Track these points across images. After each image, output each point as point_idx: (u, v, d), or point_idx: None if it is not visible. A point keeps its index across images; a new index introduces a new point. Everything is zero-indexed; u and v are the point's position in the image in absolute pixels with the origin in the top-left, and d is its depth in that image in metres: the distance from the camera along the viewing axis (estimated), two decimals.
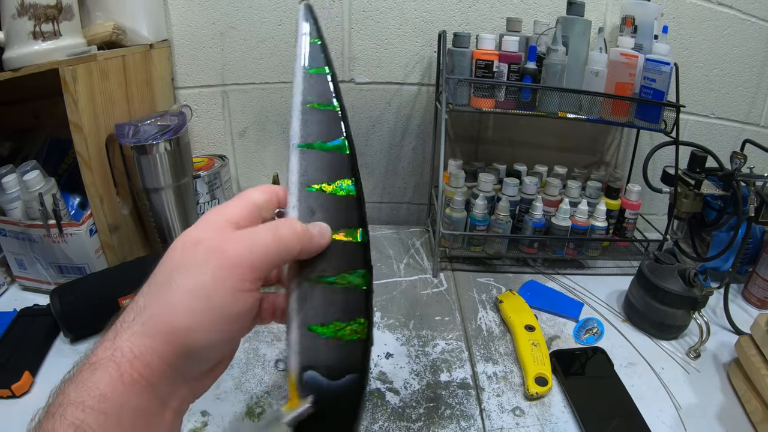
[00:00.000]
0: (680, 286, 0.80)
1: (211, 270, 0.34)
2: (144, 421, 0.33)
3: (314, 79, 0.45)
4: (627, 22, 0.97)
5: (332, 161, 0.44)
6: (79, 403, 0.31)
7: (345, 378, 0.40)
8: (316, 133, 0.44)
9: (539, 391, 0.69)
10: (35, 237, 0.81)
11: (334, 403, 0.40)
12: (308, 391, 0.39)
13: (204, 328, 0.34)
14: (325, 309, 0.40)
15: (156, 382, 0.33)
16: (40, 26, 0.74)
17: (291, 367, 0.40)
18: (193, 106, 1.10)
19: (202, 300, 0.33)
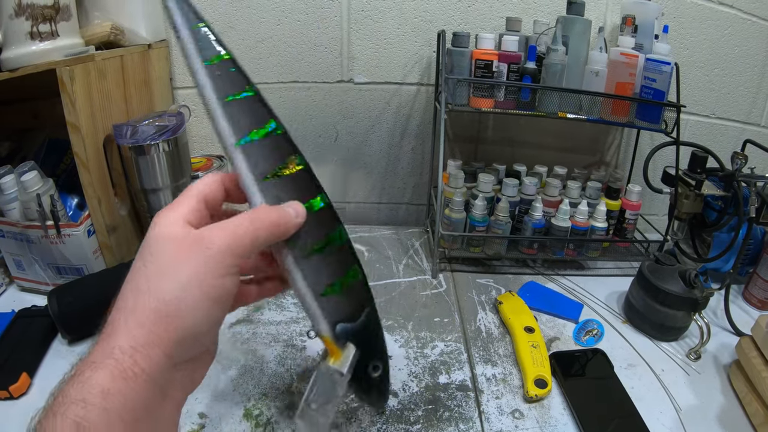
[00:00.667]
0: (681, 288, 0.80)
1: (200, 260, 0.36)
2: (146, 414, 0.34)
3: (218, 69, 0.45)
4: (627, 21, 0.97)
5: (274, 145, 0.46)
6: (80, 400, 0.31)
7: (363, 312, 0.49)
8: (247, 124, 0.45)
9: (539, 393, 0.68)
10: (33, 238, 0.81)
11: (365, 334, 0.48)
12: (344, 340, 0.46)
13: (195, 314, 0.36)
14: (327, 272, 0.46)
15: (156, 373, 0.34)
16: (38, 26, 0.73)
17: (323, 331, 0.46)
18: (191, 106, 1.09)
19: (194, 288, 0.36)
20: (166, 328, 0.35)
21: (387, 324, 0.83)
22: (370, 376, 0.50)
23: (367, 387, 0.50)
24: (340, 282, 0.47)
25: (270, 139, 0.46)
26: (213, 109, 0.45)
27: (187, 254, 0.37)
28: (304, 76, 1.09)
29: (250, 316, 0.83)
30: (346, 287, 0.47)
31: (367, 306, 0.49)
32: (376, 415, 0.65)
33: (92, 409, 0.31)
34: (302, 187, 0.47)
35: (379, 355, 0.51)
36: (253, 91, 0.47)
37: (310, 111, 1.12)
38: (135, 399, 0.33)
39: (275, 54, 1.07)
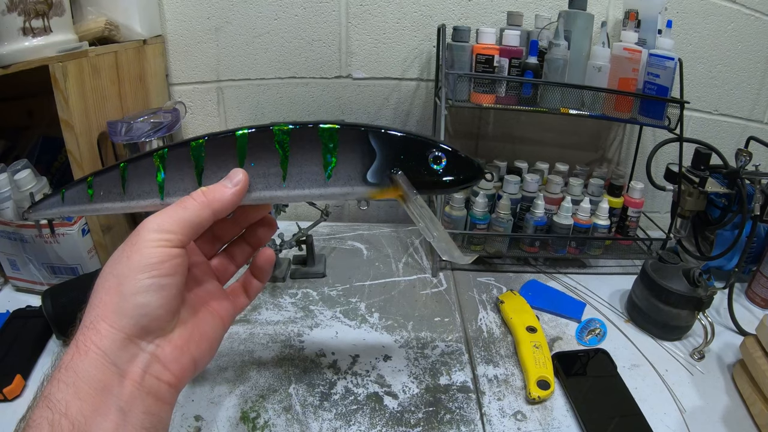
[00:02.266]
0: (684, 286, 0.79)
1: (132, 239, 0.40)
2: (101, 391, 0.36)
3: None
4: (630, 16, 0.96)
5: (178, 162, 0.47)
6: (48, 378, 0.36)
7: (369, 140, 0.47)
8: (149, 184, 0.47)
9: (541, 394, 0.67)
10: (27, 237, 0.80)
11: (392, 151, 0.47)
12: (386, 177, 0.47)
13: (128, 280, 0.38)
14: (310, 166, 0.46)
15: (107, 348, 0.36)
16: (30, 22, 0.73)
17: (365, 193, 0.47)
18: (187, 102, 1.08)
19: (123, 262, 0.39)
20: (106, 302, 0.38)
21: (386, 324, 0.82)
22: (438, 168, 0.48)
23: (452, 177, 0.48)
24: (326, 154, 0.46)
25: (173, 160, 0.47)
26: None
27: (126, 241, 0.40)
28: (302, 71, 1.08)
29: (247, 316, 0.82)
30: (335, 150, 0.46)
31: (367, 133, 0.47)
32: (374, 420, 0.64)
33: (54, 383, 0.35)
34: (220, 149, 0.46)
35: (426, 146, 0.48)
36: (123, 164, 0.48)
37: (308, 107, 1.11)
38: (88, 373, 0.35)
39: (272, 49, 1.06)
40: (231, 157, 0.46)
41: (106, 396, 0.36)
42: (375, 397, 0.68)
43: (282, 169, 0.46)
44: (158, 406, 0.39)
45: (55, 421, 0.33)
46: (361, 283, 0.93)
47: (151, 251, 0.39)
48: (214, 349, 0.46)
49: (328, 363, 0.73)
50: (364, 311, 0.85)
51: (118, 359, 0.37)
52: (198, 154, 0.46)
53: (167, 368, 0.40)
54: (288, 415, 0.64)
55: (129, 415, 0.36)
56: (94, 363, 0.36)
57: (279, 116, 1.12)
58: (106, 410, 0.35)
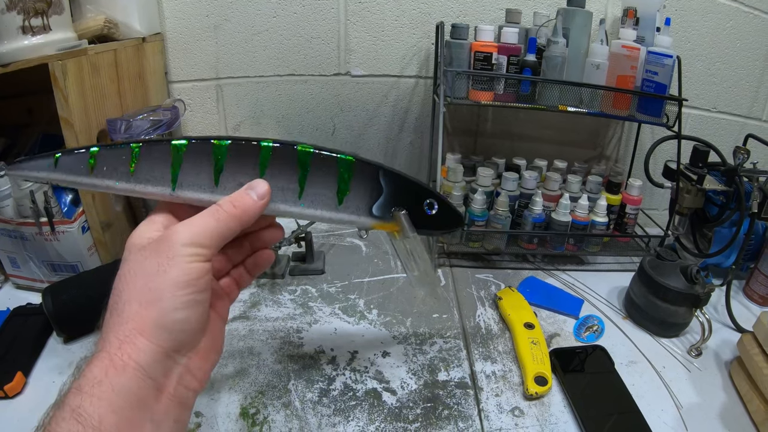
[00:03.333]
0: (682, 283, 0.79)
1: (165, 251, 0.39)
2: (139, 405, 0.36)
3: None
4: (629, 13, 0.96)
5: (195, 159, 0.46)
6: (77, 389, 0.35)
7: (379, 178, 0.51)
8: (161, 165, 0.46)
9: (539, 390, 0.68)
10: (27, 235, 0.80)
11: (397, 192, 0.52)
12: (388, 212, 0.52)
13: (167, 299, 0.38)
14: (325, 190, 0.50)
15: (146, 363, 0.37)
16: (30, 21, 0.72)
17: (367, 224, 0.52)
18: (186, 100, 1.08)
19: (160, 276, 0.39)
20: (144, 316, 0.38)
21: (385, 320, 0.83)
22: (431, 214, 0.54)
23: (438, 222, 0.55)
24: (341, 182, 0.49)
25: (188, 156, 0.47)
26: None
27: (155, 249, 0.40)
28: (301, 68, 1.08)
29: (247, 312, 0.83)
30: (350, 180, 0.50)
31: (378, 170, 0.51)
32: (372, 415, 0.64)
33: (86, 397, 0.34)
34: (242, 155, 0.47)
35: (423, 193, 0.54)
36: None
37: (307, 104, 1.11)
38: (125, 388, 0.35)
39: (271, 46, 1.06)
40: (252, 165, 0.47)
41: (142, 410, 0.37)
42: (373, 393, 0.68)
43: (299, 187, 0.48)
44: (185, 413, 0.41)
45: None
46: (359, 280, 0.93)
47: (189, 267, 0.39)
48: (222, 348, 0.47)
49: (327, 359, 0.74)
50: (363, 308, 0.86)
51: (155, 373, 0.38)
52: (220, 154, 0.46)
53: (195, 377, 0.42)
54: (287, 410, 0.65)
55: (161, 426, 0.38)
56: (133, 378, 0.36)
57: (278, 113, 1.12)
58: (140, 423, 0.36)
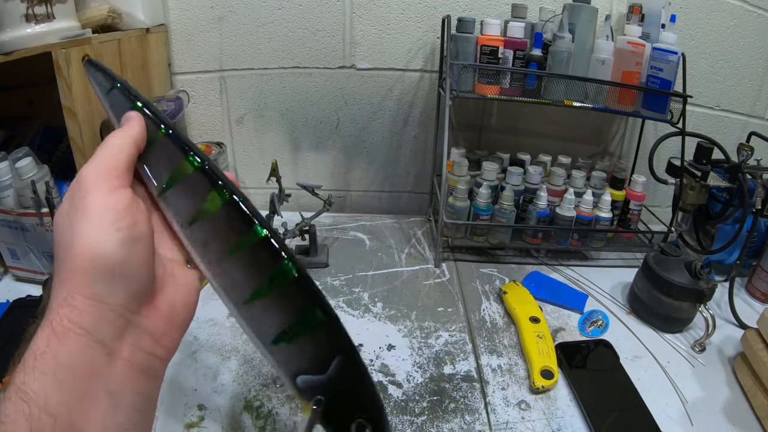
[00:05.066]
0: (686, 279, 0.79)
1: (75, 200, 0.34)
2: (85, 374, 0.31)
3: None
4: (634, 10, 0.96)
5: (191, 184, 0.40)
6: (22, 365, 0.30)
7: (333, 363, 0.39)
8: (166, 169, 0.41)
9: (545, 384, 0.68)
10: (28, 226, 0.79)
11: (338, 389, 0.40)
12: (310, 394, 0.39)
13: (96, 237, 0.33)
14: (271, 319, 0.39)
15: (89, 325, 0.32)
16: (33, 9, 0.72)
17: (285, 383, 0.40)
18: (190, 92, 1.08)
19: (78, 217, 0.33)
20: (75, 269, 0.32)
21: (390, 314, 0.82)
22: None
23: None
24: (291, 329, 0.39)
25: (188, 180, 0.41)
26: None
27: (69, 193, 0.35)
28: (306, 61, 1.07)
29: None
30: (301, 335, 0.39)
31: (339, 354, 0.40)
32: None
33: (29, 372, 0.30)
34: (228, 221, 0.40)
35: (365, 412, 0.41)
36: (163, 130, 0.42)
37: (312, 97, 1.11)
38: (69, 357, 0.31)
39: (276, 39, 1.05)
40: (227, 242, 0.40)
41: (94, 381, 0.32)
42: (379, 386, 0.68)
43: (251, 295, 0.39)
44: (150, 384, 0.36)
45: (34, 416, 0.29)
46: (363, 274, 0.93)
47: (109, 198, 0.34)
48: (193, 307, 0.41)
49: None
50: (368, 301, 0.85)
51: (103, 336, 0.32)
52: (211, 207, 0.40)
53: (157, 341, 0.36)
54: (292, 404, 0.64)
55: (119, 398, 0.33)
56: (77, 346, 0.31)
57: (282, 106, 1.12)
58: (93, 396, 0.31)
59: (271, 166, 0.89)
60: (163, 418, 0.61)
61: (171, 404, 0.63)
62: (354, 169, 1.19)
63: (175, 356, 0.40)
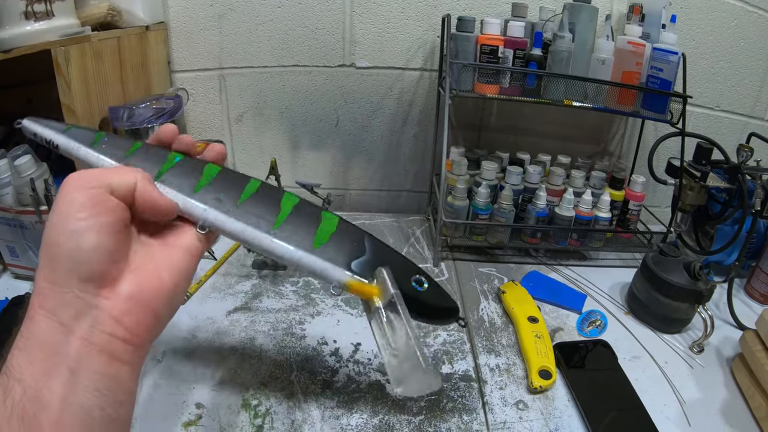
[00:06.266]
0: (685, 279, 0.79)
1: (58, 195, 0.38)
2: (49, 351, 0.34)
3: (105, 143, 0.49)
4: (635, 10, 0.96)
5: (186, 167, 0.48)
6: (12, 348, 0.35)
7: (366, 243, 0.50)
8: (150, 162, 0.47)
9: (543, 384, 0.68)
10: (27, 224, 0.79)
11: (383, 257, 0.50)
12: (367, 272, 0.48)
13: (57, 229, 0.36)
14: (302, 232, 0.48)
15: (51, 306, 0.35)
16: (33, 6, 0.72)
17: (343, 278, 0.47)
18: (189, 89, 1.07)
19: (52, 215, 0.37)
20: (42, 260, 0.37)
21: None
22: (419, 292, 0.49)
23: (427, 306, 0.49)
24: (320, 232, 0.48)
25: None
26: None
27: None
28: (305, 59, 1.07)
29: (249, 303, 0.82)
30: (330, 234, 0.48)
31: (364, 235, 0.50)
32: (376, 408, 0.64)
33: (13, 351, 0.34)
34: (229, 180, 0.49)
35: (413, 269, 0.50)
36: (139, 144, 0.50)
37: (311, 95, 1.11)
38: (35, 335, 0.35)
39: (275, 37, 1.05)
40: (236, 189, 0.48)
41: (56, 357, 0.34)
42: (377, 386, 0.68)
43: (276, 220, 0.47)
44: (114, 366, 0.36)
45: (10, 387, 0.33)
46: None
47: (75, 195, 0.37)
48: (179, 290, 0.42)
49: (329, 351, 0.74)
50: None
51: (62, 316, 0.35)
52: (208, 175, 0.48)
53: (120, 323, 0.37)
54: (290, 402, 0.64)
55: (79, 375, 0.34)
56: (41, 325, 0.35)
57: (281, 104, 1.11)
58: (56, 372, 0.34)
59: (270, 164, 0.89)
60: (161, 417, 0.61)
61: (169, 402, 0.63)
62: (353, 168, 1.19)
63: (172, 354, 0.40)
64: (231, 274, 0.89)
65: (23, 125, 0.49)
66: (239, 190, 0.48)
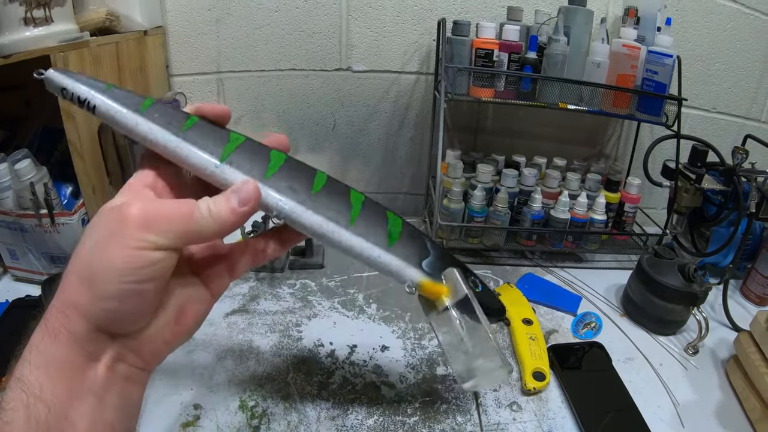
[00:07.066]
0: (680, 282, 0.80)
1: (110, 225, 0.35)
2: (70, 372, 0.34)
3: (156, 111, 0.41)
4: (630, 13, 0.96)
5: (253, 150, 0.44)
6: (23, 359, 0.34)
7: (427, 244, 0.49)
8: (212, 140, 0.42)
9: (537, 386, 0.68)
10: (27, 227, 0.80)
11: (446, 258, 0.50)
12: (435, 272, 0.48)
13: (101, 280, 0.34)
14: (376, 230, 0.46)
15: (77, 332, 0.34)
16: (32, 12, 0.72)
17: (416, 277, 0.46)
18: (187, 93, 1.08)
19: (97, 253, 0.35)
20: (79, 292, 0.35)
21: (384, 315, 0.83)
22: (476, 292, 0.49)
23: (480, 304, 0.48)
24: (392, 231, 0.47)
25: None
26: (179, 150, 0.41)
27: (105, 219, 0.36)
28: (302, 63, 1.08)
29: (246, 305, 0.83)
30: (399, 233, 0.47)
31: (424, 237, 0.50)
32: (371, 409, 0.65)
33: (26, 365, 0.33)
34: (297, 170, 0.45)
35: (467, 270, 0.51)
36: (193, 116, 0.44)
37: (308, 99, 1.11)
38: (57, 356, 0.34)
39: (273, 41, 1.06)
40: (306, 179, 0.44)
41: (80, 379, 0.35)
42: (372, 387, 0.68)
43: (351, 215, 0.44)
44: (132, 388, 0.38)
45: (31, 404, 0.32)
46: (359, 274, 0.93)
47: (131, 253, 0.34)
48: (197, 327, 0.43)
49: (326, 353, 0.74)
50: (362, 302, 0.86)
51: (89, 348, 0.35)
52: (277, 161, 0.44)
53: (141, 357, 0.38)
54: (286, 403, 0.65)
55: (104, 400, 0.36)
56: (65, 346, 0.34)
57: (279, 108, 1.12)
58: (84, 395, 0.35)
59: None
60: (159, 418, 0.61)
61: (167, 403, 0.64)
62: (350, 171, 1.19)
63: (171, 356, 0.41)
64: None
65: (47, 77, 0.40)
66: (310, 181, 0.45)
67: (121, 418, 0.37)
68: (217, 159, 0.41)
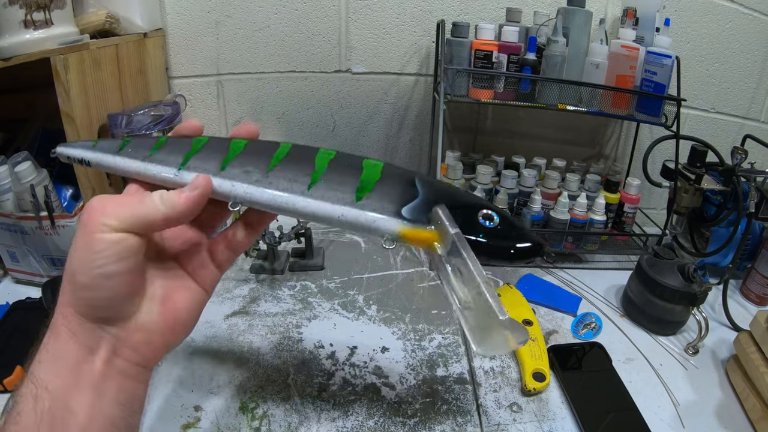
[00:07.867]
0: (679, 282, 0.80)
1: (80, 223, 0.39)
2: (71, 365, 0.37)
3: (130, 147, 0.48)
4: (628, 13, 0.96)
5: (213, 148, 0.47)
6: (36, 358, 0.38)
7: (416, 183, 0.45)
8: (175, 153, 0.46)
9: (537, 386, 0.68)
10: (27, 229, 0.80)
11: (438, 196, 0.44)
12: (421, 216, 0.42)
13: (78, 272, 0.37)
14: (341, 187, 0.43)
15: (76, 329, 0.38)
16: (32, 15, 0.73)
17: (395, 227, 0.41)
18: (187, 95, 1.08)
19: (72, 249, 0.38)
20: (66, 287, 0.38)
21: (384, 316, 0.83)
22: (488, 229, 0.42)
23: (498, 242, 0.42)
24: (363, 182, 0.43)
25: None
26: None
27: (83, 214, 0.39)
28: (302, 65, 1.08)
29: (247, 307, 0.83)
30: (377, 179, 0.43)
31: (414, 176, 0.44)
32: (371, 410, 0.65)
33: (36, 363, 0.37)
34: (257, 149, 0.47)
35: (479, 204, 0.44)
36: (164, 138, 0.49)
37: (308, 101, 1.11)
38: (60, 353, 0.38)
39: (272, 43, 1.06)
40: (265, 157, 0.45)
41: (81, 373, 0.38)
42: (373, 388, 0.68)
43: (311, 180, 0.43)
44: (131, 384, 0.40)
45: (39, 395, 0.36)
46: (359, 276, 0.94)
47: (92, 238, 0.37)
48: (192, 322, 0.45)
49: (326, 354, 0.74)
50: (362, 303, 0.86)
51: (86, 341, 0.38)
52: (236, 148, 0.46)
53: (137, 351, 0.40)
54: (287, 405, 0.65)
55: (103, 392, 0.38)
56: (67, 344, 0.38)
57: (278, 110, 1.12)
58: (83, 387, 0.37)
59: None
60: (159, 419, 0.62)
61: (167, 405, 0.64)
62: None
63: (171, 358, 0.42)
64: (229, 279, 0.90)
65: (58, 152, 0.50)
66: (269, 158, 0.44)
67: (121, 414, 0.39)
68: (175, 168, 0.45)
